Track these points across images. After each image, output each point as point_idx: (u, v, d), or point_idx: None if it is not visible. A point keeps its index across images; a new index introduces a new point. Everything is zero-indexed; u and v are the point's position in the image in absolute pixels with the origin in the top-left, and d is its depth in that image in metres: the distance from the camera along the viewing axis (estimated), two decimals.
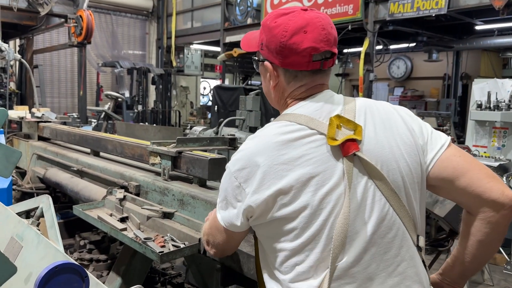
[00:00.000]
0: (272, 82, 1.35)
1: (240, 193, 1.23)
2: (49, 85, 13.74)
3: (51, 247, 1.52)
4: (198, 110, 15.08)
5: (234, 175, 1.24)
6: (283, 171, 1.17)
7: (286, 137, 1.21)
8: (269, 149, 1.20)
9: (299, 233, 1.18)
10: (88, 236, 3.75)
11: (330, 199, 1.16)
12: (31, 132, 4.67)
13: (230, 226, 1.30)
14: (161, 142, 2.69)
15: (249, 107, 5.45)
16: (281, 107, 1.38)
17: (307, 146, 1.19)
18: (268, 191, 1.18)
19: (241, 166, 1.23)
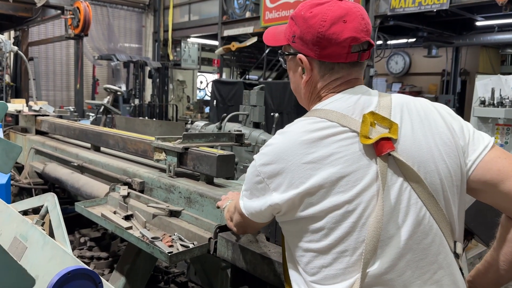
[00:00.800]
0: (305, 76, 1.27)
1: (264, 188, 1.19)
2: (44, 78, 13.57)
3: (58, 248, 1.44)
4: (195, 105, 14.97)
5: (258, 169, 1.20)
6: (311, 170, 1.12)
7: (315, 134, 1.15)
8: (298, 147, 1.14)
9: (326, 234, 1.12)
10: (88, 232, 3.68)
11: (361, 201, 1.09)
12: (29, 126, 4.56)
13: (251, 215, 1.28)
14: (166, 138, 2.61)
15: (253, 102, 5.34)
16: (311, 103, 1.31)
17: (338, 144, 1.13)
18: (295, 190, 1.13)
19: (266, 161, 1.18)
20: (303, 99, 1.35)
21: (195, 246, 1.96)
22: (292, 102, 8.03)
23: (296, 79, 1.33)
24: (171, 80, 14.90)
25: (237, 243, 1.83)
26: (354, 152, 1.12)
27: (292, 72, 1.34)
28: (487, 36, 9.55)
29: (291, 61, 1.32)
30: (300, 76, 1.30)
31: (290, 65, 1.33)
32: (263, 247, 1.80)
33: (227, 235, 1.92)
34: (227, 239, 1.88)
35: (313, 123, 1.17)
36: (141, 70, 13.04)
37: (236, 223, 1.48)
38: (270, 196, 1.18)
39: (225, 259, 1.91)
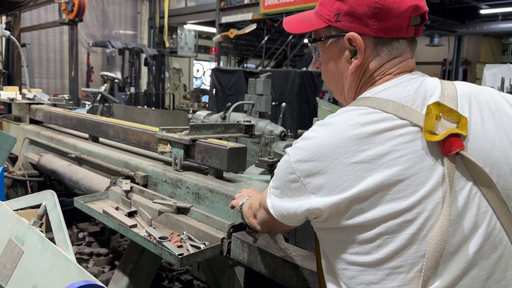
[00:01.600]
0: (356, 60, 1.08)
1: (299, 188, 1.02)
2: (37, 65, 13.28)
3: (60, 255, 1.28)
4: (191, 93, 14.74)
5: (294, 166, 1.02)
6: (363, 171, 0.95)
7: (368, 128, 0.97)
8: (346, 143, 0.97)
9: (378, 246, 0.96)
10: (86, 227, 3.51)
11: (423, 209, 0.93)
12: (22, 115, 4.37)
13: (281, 217, 1.11)
14: (171, 129, 2.44)
15: (259, 91, 5.09)
16: (359, 92, 1.12)
17: (396, 140, 0.95)
18: (341, 194, 0.96)
19: (304, 157, 1.00)
20: (347, 90, 1.15)
21: (207, 247, 1.80)
22: (294, 91, 7.87)
23: (339, 67, 1.14)
24: (167, 68, 14.65)
25: (254, 244, 1.68)
26: (416, 151, 0.95)
27: (332, 59, 1.15)
28: (491, 25, 9.40)
29: (332, 46, 1.13)
30: (347, 62, 1.11)
31: (331, 52, 1.14)
32: (283, 249, 1.65)
33: (242, 235, 1.77)
34: (242, 240, 1.73)
35: (365, 115, 0.99)
36: (137, 57, 12.78)
37: (261, 222, 1.33)
38: (307, 199, 1.01)
39: (240, 262, 1.76)
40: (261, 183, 2.20)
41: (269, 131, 4.62)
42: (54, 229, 1.38)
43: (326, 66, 1.18)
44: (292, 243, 1.70)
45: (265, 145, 4.48)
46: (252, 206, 1.42)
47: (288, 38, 12.19)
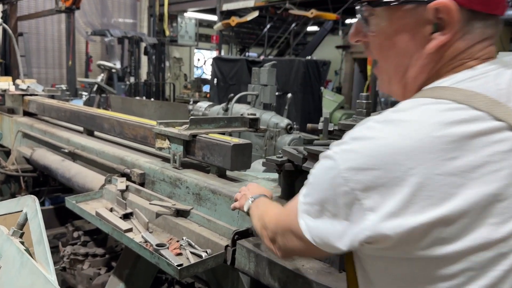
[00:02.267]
0: (440, 36, 0.83)
1: (352, 205, 0.77)
2: (35, 55, 13.04)
3: (39, 274, 1.11)
4: (192, 83, 14.51)
5: (345, 175, 0.78)
6: (449, 186, 0.73)
7: (457, 130, 0.74)
8: (428, 148, 0.73)
9: (461, 284, 0.75)
10: (82, 224, 3.35)
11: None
12: (16, 107, 4.18)
13: (321, 243, 0.84)
14: (169, 122, 2.26)
15: (263, 81, 4.82)
16: (429, 79, 0.88)
17: (492, 149, 0.74)
18: (420, 217, 0.73)
19: (363, 164, 0.76)
20: (415, 76, 0.89)
21: (209, 255, 1.63)
22: (299, 80, 7.63)
23: (409, 44, 0.87)
24: (167, 57, 14.41)
25: (262, 254, 1.50)
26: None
27: (401, 33, 0.87)
28: None
29: (406, 14, 0.85)
30: (424, 38, 0.85)
31: (402, 22, 0.87)
32: (294, 260, 1.47)
33: (248, 243, 1.59)
34: (248, 249, 1.56)
35: (450, 111, 0.76)
36: (136, 46, 12.53)
37: (288, 249, 1.00)
38: (362, 220, 0.76)
39: (246, 273, 1.58)
40: (268, 182, 2.02)
41: (274, 123, 4.39)
42: (34, 241, 1.21)
43: (385, 41, 0.90)
44: None
45: (270, 138, 4.28)
46: (267, 225, 1.10)
47: (291, 26, 11.92)
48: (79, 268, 2.79)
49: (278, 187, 1.92)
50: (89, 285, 2.72)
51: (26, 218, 1.34)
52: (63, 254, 2.91)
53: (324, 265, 1.44)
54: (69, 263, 2.85)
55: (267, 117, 4.44)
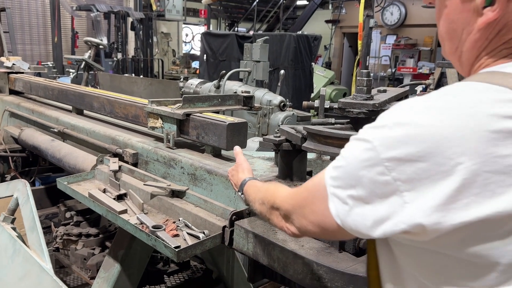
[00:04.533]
0: (493, 13, 0.77)
1: (391, 195, 0.73)
2: (20, 31, 12.67)
3: (33, 262, 1.08)
4: (181, 59, 14.28)
5: (387, 164, 0.72)
6: (498, 185, 0.68)
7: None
8: (481, 141, 0.68)
9: (497, 285, 0.73)
10: (74, 204, 3.30)
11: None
12: (1, 85, 4.06)
13: (352, 229, 0.80)
14: (161, 101, 2.20)
15: (256, 57, 4.73)
16: (483, 58, 0.83)
17: None
18: (463, 214, 0.69)
19: (410, 154, 0.70)
20: (467, 52, 0.84)
21: (207, 236, 1.61)
22: (289, 56, 7.52)
23: (461, 17, 0.82)
24: (155, 33, 14.09)
25: (260, 235, 1.49)
26: None
27: (454, 0, 0.83)
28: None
29: None
30: (476, 12, 0.79)
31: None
32: (293, 240, 1.46)
33: (246, 224, 1.57)
34: (246, 230, 1.54)
35: (509, 102, 0.70)
36: (123, 21, 12.22)
37: (303, 229, 0.95)
38: (403, 212, 0.72)
39: (244, 253, 1.57)
40: (264, 162, 1.99)
41: (267, 101, 4.33)
42: (27, 228, 1.17)
43: (442, 5, 0.85)
44: None
45: (263, 116, 4.24)
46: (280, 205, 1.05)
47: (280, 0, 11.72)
48: (73, 248, 2.77)
49: (275, 166, 1.90)
50: (83, 265, 2.70)
51: (17, 203, 1.29)
52: (55, 234, 2.87)
53: (324, 245, 1.43)
54: (62, 243, 2.82)
55: (260, 94, 4.38)
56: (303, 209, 0.94)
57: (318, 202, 0.86)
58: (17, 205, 1.27)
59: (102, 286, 2.15)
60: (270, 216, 1.11)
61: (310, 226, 0.92)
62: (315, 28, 12.85)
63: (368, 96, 1.38)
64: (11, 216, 1.26)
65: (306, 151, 1.62)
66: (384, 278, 0.92)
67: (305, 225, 0.94)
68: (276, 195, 1.09)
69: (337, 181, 0.81)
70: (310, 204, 0.91)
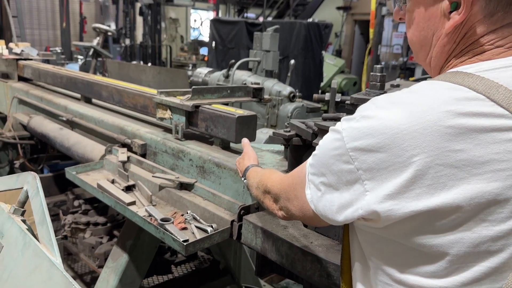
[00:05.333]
0: (456, 16, 0.80)
1: (354, 183, 0.78)
2: (28, 15, 12.66)
3: (43, 257, 1.08)
4: (189, 45, 14.20)
5: (352, 154, 0.77)
6: (449, 177, 0.71)
7: (468, 122, 0.71)
8: (435, 135, 0.71)
9: (444, 275, 0.75)
10: (82, 192, 3.33)
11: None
12: (10, 71, 4.06)
13: (321, 215, 0.87)
14: (170, 92, 2.18)
15: (265, 47, 4.65)
16: (450, 63, 0.86)
17: (502, 147, 0.71)
18: (414, 204, 0.72)
19: (368, 145, 0.75)
20: (436, 56, 0.87)
21: (215, 230, 1.61)
22: (300, 44, 7.43)
23: (430, 22, 0.85)
24: (163, 18, 14.01)
25: (269, 230, 1.48)
26: None
27: (422, 8, 0.86)
28: None
29: None
30: (444, 16, 0.82)
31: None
32: (302, 237, 1.45)
33: (254, 218, 1.57)
34: (255, 225, 1.53)
35: (465, 100, 0.73)
36: (132, 6, 12.18)
37: (289, 212, 1.02)
38: (362, 197, 0.77)
39: (253, 248, 1.57)
40: (273, 155, 1.98)
41: (276, 91, 4.28)
42: (37, 221, 1.17)
43: (411, 17, 0.89)
44: (312, 229, 1.49)
45: (273, 107, 4.19)
46: (270, 189, 1.13)
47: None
48: (81, 237, 2.79)
49: (284, 160, 1.88)
50: (91, 253, 2.73)
51: (27, 196, 1.29)
52: (64, 222, 2.90)
53: (333, 242, 1.42)
54: (70, 231, 2.84)
55: (269, 84, 4.32)
56: (287, 193, 1.01)
57: (299, 188, 0.93)
58: (26, 197, 1.26)
59: (110, 276, 2.16)
60: (263, 200, 1.19)
61: (293, 210, 0.99)
62: (326, 15, 12.68)
63: (382, 92, 1.35)
64: (21, 209, 1.26)
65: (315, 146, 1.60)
66: (354, 266, 0.95)
67: (290, 208, 1.01)
68: (268, 180, 1.17)
69: (313, 168, 0.87)
70: (293, 189, 0.97)
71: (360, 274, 0.92)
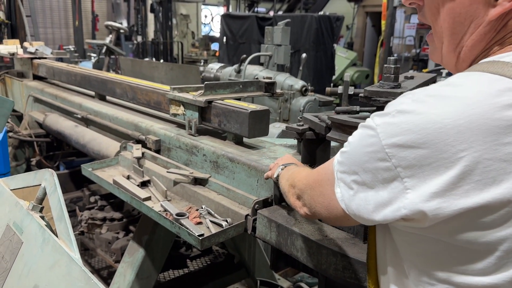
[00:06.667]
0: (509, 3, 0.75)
1: (392, 181, 0.74)
2: (41, 15, 12.81)
3: (62, 252, 1.10)
4: (200, 41, 14.22)
5: (388, 151, 0.73)
6: (499, 172, 0.68)
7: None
8: (482, 131, 0.68)
9: (491, 271, 0.73)
10: (98, 189, 3.37)
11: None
12: (25, 70, 4.13)
13: (354, 214, 0.82)
14: (183, 88, 2.20)
15: (277, 41, 4.64)
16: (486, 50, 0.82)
17: None
18: (463, 201, 0.70)
19: (407, 141, 0.71)
20: (472, 45, 0.82)
21: (230, 225, 1.62)
22: (311, 38, 7.39)
23: (470, 8, 0.79)
24: (174, 15, 14.03)
25: (283, 224, 1.48)
26: None
27: None
28: None
29: None
30: (488, 4, 0.77)
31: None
32: (316, 230, 1.45)
33: (269, 212, 1.57)
34: (269, 219, 1.54)
35: (510, 92, 0.70)
36: (143, 3, 12.22)
37: (312, 210, 0.97)
38: (404, 198, 0.73)
39: (267, 242, 1.57)
40: (286, 149, 1.98)
41: (288, 85, 4.27)
42: (55, 218, 1.19)
43: (443, 2, 0.82)
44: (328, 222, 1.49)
45: (285, 101, 4.19)
46: (296, 184, 1.08)
47: None
48: (97, 232, 2.83)
49: (297, 155, 1.88)
50: (107, 249, 2.77)
51: (45, 193, 1.31)
52: (80, 218, 2.94)
53: (348, 236, 1.41)
54: (87, 227, 2.89)
55: (281, 79, 4.31)
56: (313, 190, 0.97)
57: (326, 185, 0.89)
58: (44, 194, 1.29)
59: (127, 270, 2.19)
60: (288, 194, 1.16)
61: (318, 208, 0.94)
62: (337, 8, 12.58)
63: (396, 84, 1.34)
64: (39, 205, 1.28)
65: (329, 140, 1.59)
66: (384, 266, 0.92)
67: (314, 206, 0.96)
68: (296, 175, 1.14)
69: (343, 166, 0.83)
70: (319, 186, 0.93)
71: (394, 275, 0.89)
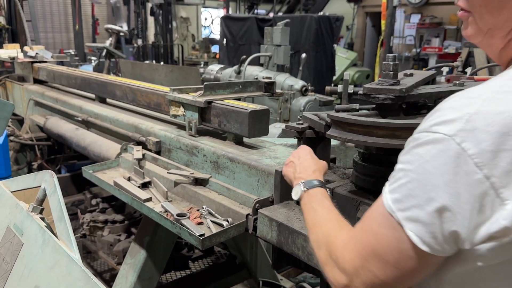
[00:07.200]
0: None
1: (484, 196, 0.64)
2: (41, 19, 12.84)
3: (62, 253, 1.10)
4: (200, 44, 14.24)
5: (477, 160, 0.63)
6: None
7: None
8: None
9: None
10: (99, 191, 3.38)
11: None
12: (26, 74, 4.14)
13: (443, 249, 0.69)
14: (183, 89, 2.20)
15: (276, 41, 4.66)
16: None
17: None
18: None
19: (500, 144, 0.62)
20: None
21: (231, 224, 1.61)
22: (311, 38, 7.40)
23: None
24: (174, 18, 14.06)
25: (284, 223, 1.48)
26: None
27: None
28: None
29: None
30: None
31: None
32: None
33: (269, 212, 1.57)
34: (270, 218, 1.53)
35: None
36: (142, 7, 12.24)
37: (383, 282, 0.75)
38: (501, 210, 0.64)
39: (268, 241, 1.57)
40: (287, 149, 1.97)
41: (288, 86, 4.27)
42: (55, 218, 1.19)
43: None
44: None
45: (285, 101, 4.19)
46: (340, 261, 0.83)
47: None
48: (99, 234, 2.83)
49: None
50: (109, 251, 2.76)
51: (45, 194, 1.31)
52: (82, 221, 2.94)
53: None
54: (89, 230, 2.89)
55: (281, 79, 4.32)
56: (373, 257, 0.76)
57: (388, 240, 0.72)
58: (44, 195, 1.29)
59: (129, 272, 2.19)
60: (325, 266, 0.90)
61: (388, 272, 0.74)
62: (337, 8, 12.60)
63: (395, 81, 1.33)
64: (40, 207, 1.28)
65: (329, 138, 1.59)
66: None
67: (379, 275, 0.75)
68: (333, 239, 0.89)
69: (410, 200, 0.69)
70: (378, 247, 0.75)
71: None
